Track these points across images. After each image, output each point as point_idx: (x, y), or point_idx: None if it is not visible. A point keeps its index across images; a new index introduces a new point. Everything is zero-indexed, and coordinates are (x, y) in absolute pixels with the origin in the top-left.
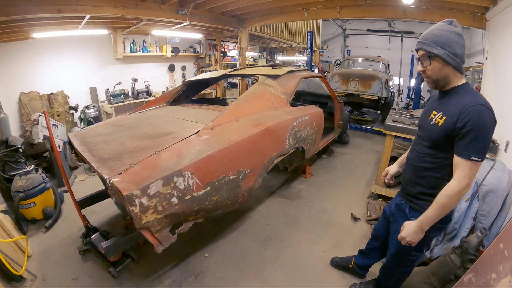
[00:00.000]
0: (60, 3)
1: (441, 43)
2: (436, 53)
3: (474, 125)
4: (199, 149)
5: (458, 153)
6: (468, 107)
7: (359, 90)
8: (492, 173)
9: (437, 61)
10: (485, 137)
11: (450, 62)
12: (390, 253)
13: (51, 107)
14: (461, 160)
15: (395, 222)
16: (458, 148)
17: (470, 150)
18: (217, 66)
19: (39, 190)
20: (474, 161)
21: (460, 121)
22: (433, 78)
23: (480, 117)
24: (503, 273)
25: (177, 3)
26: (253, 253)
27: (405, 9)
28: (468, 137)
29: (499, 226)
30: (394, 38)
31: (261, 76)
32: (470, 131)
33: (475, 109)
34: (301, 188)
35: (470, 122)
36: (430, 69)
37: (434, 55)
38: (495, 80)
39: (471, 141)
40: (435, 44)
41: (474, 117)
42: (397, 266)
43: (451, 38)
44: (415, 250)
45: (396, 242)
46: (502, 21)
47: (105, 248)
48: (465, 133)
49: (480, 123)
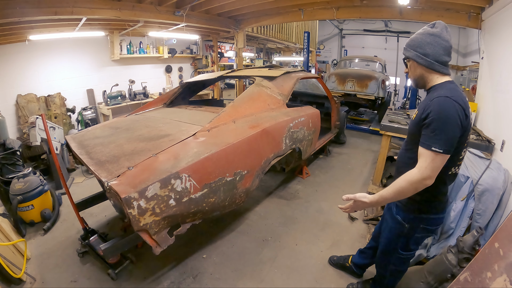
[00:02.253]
0: (56, 5)
1: (413, 45)
2: (408, 55)
3: (434, 116)
4: (196, 151)
5: (421, 143)
6: (432, 98)
7: (356, 90)
8: (487, 172)
9: (411, 63)
10: (446, 127)
11: (420, 62)
12: (379, 250)
13: (48, 109)
14: (423, 150)
15: (384, 220)
16: (421, 139)
17: (430, 140)
18: (214, 67)
19: (37, 192)
20: (435, 152)
21: (424, 112)
22: (412, 78)
23: (441, 108)
24: (499, 272)
25: (173, 5)
26: (251, 254)
27: (401, 9)
28: (429, 128)
29: (495, 225)
30: (390, 38)
31: (258, 78)
32: (432, 121)
33: (438, 100)
34: (298, 188)
35: (431, 113)
36: (409, 71)
37: (407, 57)
38: (491, 80)
39: (432, 131)
40: (409, 48)
41: (435, 108)
42: (387, 263)
43: (423, 40)
44: (401, 249)
45: (384, 240)
46: (497, 21)
47: (103, 250)
48: (427, 124)
49: (440, 113)
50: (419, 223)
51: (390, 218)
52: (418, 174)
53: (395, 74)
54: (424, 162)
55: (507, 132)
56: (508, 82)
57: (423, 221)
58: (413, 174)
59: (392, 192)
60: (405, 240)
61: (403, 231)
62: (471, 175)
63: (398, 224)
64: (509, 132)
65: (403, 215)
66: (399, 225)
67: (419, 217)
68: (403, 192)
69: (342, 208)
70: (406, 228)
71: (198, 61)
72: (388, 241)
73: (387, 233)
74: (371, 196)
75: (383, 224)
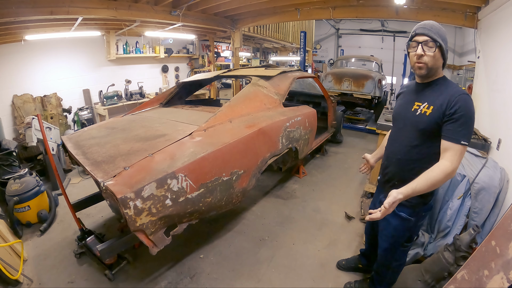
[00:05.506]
0: (52, 5)
1: (442, 37)
2: (441, 43)
3: (464, 112)
4: (192, 151)
5: (447, 137)
6: (457, 95)
7: (352, 89)
8: (484, 171)
9: (438, 51)
10: (472, 123)
11: (445, 56)
12: (382, 249)
13: (44, 110)
14: (451, 144)
15: (382, 219)
16: (447, 133)
17: (459, 134)
18: (211, 66)
19: (33, 193)
20: (464, 145)
21: (450, 108)
22: (429, 65)
23: (468, 105)
24: (495, 270)
25: (170, 4)
26: (248, 253)
27: (397, 9)
28: (458, 123)
29: (492, 224)
30: (387, 38)
31: (254, 77)
32: (461, 117)
33: (464, 97)
34: (295, 188)
35: (460, 108)
36: (430, 56)
37: (439, 44)
38: (487, 79)
39: (460, 126)
40: (438, 36)
41: (463, 104)
42: (391, 260)
43: (446, 38)
44: (406, 241)
45: (387, 238)
46: (493, 21)
47: (100, 250)
48: (455, 118)
49: (468, 110)
50: (422, 212)
51: (392, 217)
52: (452, 167)
53: (391, 73)
54: (454, 156)
55: (503, 131)
56: (504, 81)
57: (425, 209)
58: (447, 167)
59: (425, 184)
60: (410, 233)
61: (410, 225)
62: (468, 174)
63: (404, 221)
64: (505, 131)
65: (409, 211)
66: (405, 221)
67: (423, 208)
68: (437, 184)
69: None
70: (412, 222)
71: (195, 60)
72: (393, 239)
73: (391, 231)
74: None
75: (380, 224)
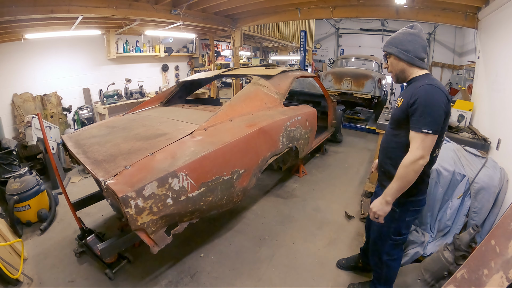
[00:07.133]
0: (52, 3)
1: (395, 43)
2: (390, 51)
3: (421, 101)
4: (193, 150)
5: (411, 127)
6: (418, 87)
7: (352, 89)
8: (483, 170)
9: (393, 58)
10: (432, 110)
11: (402, 57)
12: (372, 239)
13: (44, 109)
14: (414, 133)
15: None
16: (411, 123)
17: (420, 123)
18: (211, 66)
19: (33, 192)
20: (425, 133)
21: (411, 100)
22: (393, 72)
23: (427, 94)
24: (495, 269)
25: (170, 3)
26: (248, 252)
27: (398, 9)
28: (417, 112)
29: (491, 223)
30: (387, 38)
31: (255, 76)
32: (418, 106)
33: (423, 88)
34: (295, 187)
35: (418, 99)
36: (389, 65)
37: (389, 53)
38: (487, 79)
39: (420, 115)
40: (390, 45)
41: (421, 95)
42: (381, 253)
43: (404, 38)
44: (393, 234)
45: (377, 227)
46: (494, 21)
47: (101, 249)
48: (414, 109)
49: (426, 98)
50: (408, 205)
51: None
52: (411, 156)
53: None
54: (415, 144)
55: (503, 130)
56: (504, 81)
57: (412, 203)
58: (407, 158)
59: (395, 180)
60: (397, 225)
61: (394, 216)
62: (467, 174)
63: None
64: (505, 130)
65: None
66: (390, 211)
67: (408, 200)
68: (405, 178)
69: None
70: (397, 213)
71: (195, 60)
72: (380, 228)
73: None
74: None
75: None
